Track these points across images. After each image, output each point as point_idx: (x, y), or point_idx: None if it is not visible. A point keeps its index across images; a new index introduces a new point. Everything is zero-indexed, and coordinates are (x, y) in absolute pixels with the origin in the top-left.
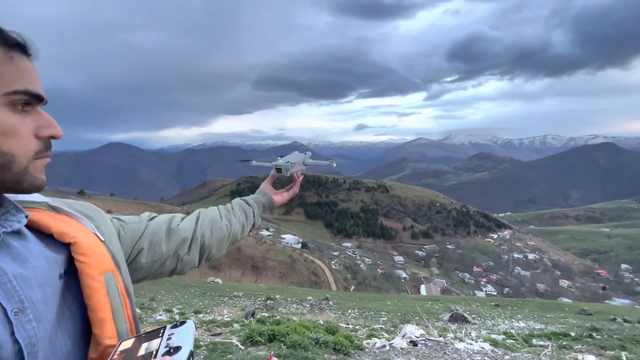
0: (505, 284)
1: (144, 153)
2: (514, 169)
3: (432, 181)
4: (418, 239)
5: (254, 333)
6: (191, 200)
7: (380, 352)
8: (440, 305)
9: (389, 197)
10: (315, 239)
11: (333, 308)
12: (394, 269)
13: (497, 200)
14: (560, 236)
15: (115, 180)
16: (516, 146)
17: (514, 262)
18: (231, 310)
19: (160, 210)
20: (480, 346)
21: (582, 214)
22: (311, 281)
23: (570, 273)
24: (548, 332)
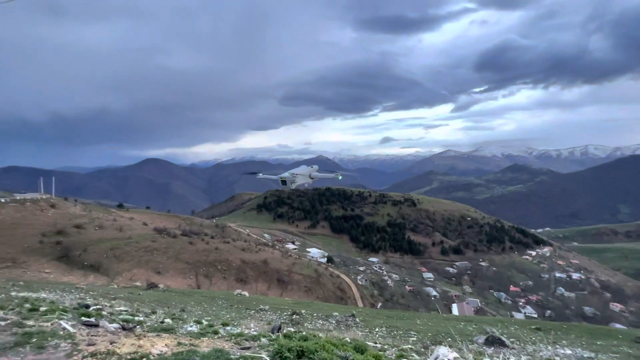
0: (547, 306)
1: (177, 168)
2: (553, 181)
3: (462, 194)
4: (448, 255)
5: (282, 349)
6: (220, 213)
7: None
8: (474, 327)
9: (417, 211)
10: (340, 253)
11: (360, 325)
12: (423, 286)
13: (534, 215)
14: (609, 254)
15: (151, 193)
16: (554, 157)
17: (556, 281)
18: (258, 324)
19: (191, 222)
20: None
21: (634, 230)
22: (337, 296)
23: (623, 296)
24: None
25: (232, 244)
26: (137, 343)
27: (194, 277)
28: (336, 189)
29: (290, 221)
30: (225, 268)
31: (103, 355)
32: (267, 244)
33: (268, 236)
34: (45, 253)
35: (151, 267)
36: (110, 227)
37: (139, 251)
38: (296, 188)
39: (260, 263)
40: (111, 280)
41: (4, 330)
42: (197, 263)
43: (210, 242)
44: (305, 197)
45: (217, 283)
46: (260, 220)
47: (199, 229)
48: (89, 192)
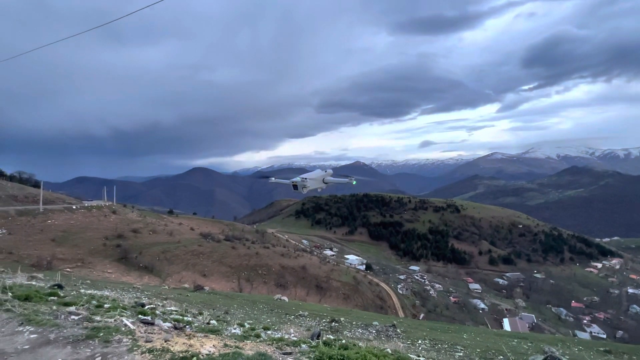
0: (619, 326)
1: (220, 176)
2: (620, 184)
3: (512, 200)
4: (497, 265)
5: (324, 356)
6: (260, 219)
7: None
8: (529, 345)
9: (461, 218)
10: (379, 260)
11: (401, 336)
12: (469, 298)
13: (599, 223)
14: None
15: (197, 200)
16: (621, 158)
17: (629, 298)
18: (297, 330)
19: (233, 228)
20: None
21: None
22: (376, 305)
23: None
24: None
25: (271, 249)
26: (188, 342)
27: (236, 280)
28: (374, 195)
29: (327, 227)
30: (265, 273)
31: (159, 352)
32: (305, 250)
33: (306, 242)
34: (107, 255)
35: (197, 270)
36: (162, 232)
37: (187, 254)
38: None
39: (299, 269)
40: (162, 281)
41: (77, 324)
42: (239, 267)
43: (251, 247)
44: (342, 204)
45: (258, 287)
46: (299, 226)
47: (241, 234)
48: (143, 199)
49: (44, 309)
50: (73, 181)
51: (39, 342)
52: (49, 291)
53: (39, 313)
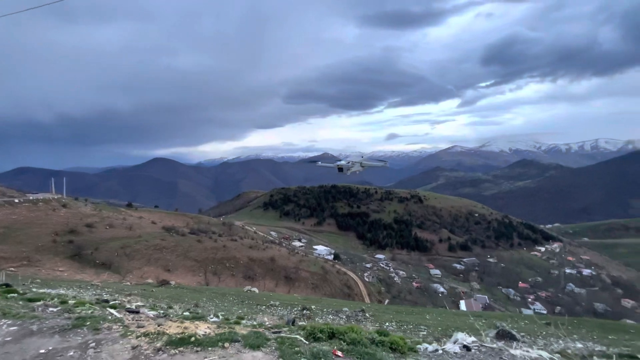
0: (557, 302)
1: (184, 167)
2: (562, 176)
3: (469, 190)
4: (456, 252)
5: (315, 330)
6: (227, 211)
7: (434, 355)
8: (483, 322)
9: (423, 208)
10: (347, 250)
11: (370, 320)
12: (430, 283)
13: (543, 211)
14: (621, 250)
15: (158, 192)
16: (563, 152)
17: (566, 278)
18: (271, 318)
19: (198, 221)
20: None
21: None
22: (344, 293)
23: (635, 292)
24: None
25: (239, 241)
26: (181, 325)
27: (202, 274)
28: (342, 186)
29: (296, 219)
30: (233, 265)
31: (154, 334)
32: (274, 242)
33: (275, 234)
34: (58, 252)
35: (161, 265)
36: (120, 226)
37: (149, 249)
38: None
39: (267, 260)
40: (123, 278)
41: (58, 315)
42: (205, 261)
43: (218, 240)
44: (311, 195)
45: (226, 280)
46: (267, 218)
47: (207, 227)
48: (98, 191)
49: (15, 305)
50: (13, 172)
51: (22, 333)
52: (5, 289)
53: (12, 307)
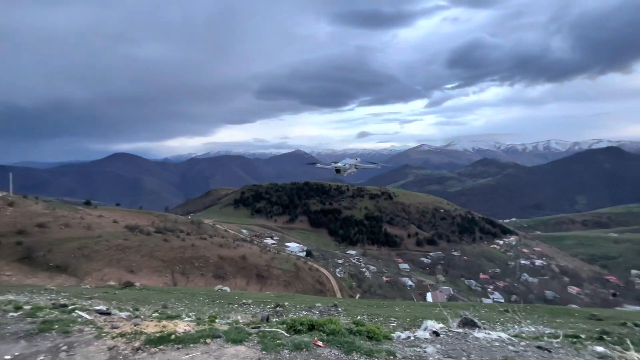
0: (513, 291)
1: (148, 163)
2: (518, 174)
3: (436, 187)
4: (423, 246)
5: (296, 323)
6: (195, 209)
7: (407, 342)
8: (448, 312)
9: (393, 204)
10: (319, 247)
11: (342, 314)
12: (399, 277)
13: (502, 206)
14: (568, 242)
15: (121, 190)
16: (519, 151)
17: (521, 268)
18: (244, 317)
19: (165, 219)
20: (498, 335)
21: (589, 219)
22: (316, 289)
23: (579, 279)
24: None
25: (209, 240)
26: (160, 324)
27: (169, 274)
28: (314, 183)
29: (268, 216)
30: (202, 265)
31: (131, 335)
32: (245, 240)
33: (246, 232)
34: (4, 255)
35: (124, 266)
36: (77, 226)
37: (110, 250)
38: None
39: (238, 259)
40: (80, 281)
41: (21, 320)
42: (172, 260)
43: (186, 239)
44: (283, 192)
45: (195, 280)
46: (238, 215)
47: (174, 225)
48: (51, 189)
49: None
50: None
51: None
52: None
53: None
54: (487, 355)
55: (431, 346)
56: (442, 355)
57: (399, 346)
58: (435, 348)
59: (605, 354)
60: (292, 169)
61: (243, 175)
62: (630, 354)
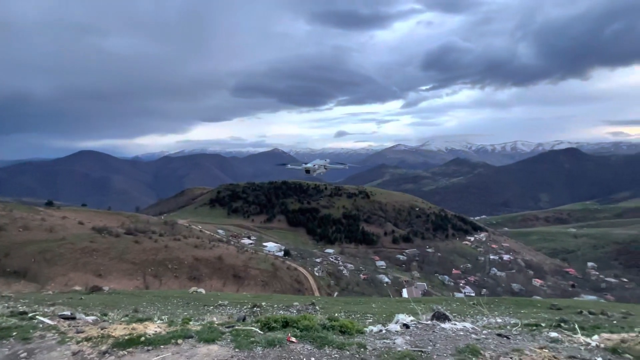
0: (483, 285)
1: (117, 161)
2: (488, 173)
3: (411, 186)
4: (399, 244)
5: (270, 320)
6: (169, 209)
7: (379, 335)
8: (422, 306)
9: (370, 203)
10: (297, 246)
11: (320, 312)
12: (376, 274)
13: (473, 204)
14: (532, 237)
15: (86, 190)
16: (489, 152)
17: (490, 263)
18: (220, 318)
19: (136, 220)
20: (463, 325)
21: (551, 216)
22: (294, 289)
23: (542, 272)
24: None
25: (183, 241)
26: (129, 327)
27: (141, 277)
28: (292, 182)
29: (245, 216)
30: (176, 267)
31: (98, 339)
32: (221, 240)
33: (222, 232)
34: None
35: (90, 269)
36: (38, 228)
37: (75, 253)
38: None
39: (214, 260)
40: (42, 287)
41: None
42: (144, 263)
43: (159, 240)
44: (261, 191)
45: (168, 282)
46: (214, 215)
47: (146, 226)
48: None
49: None
50: None
51: None
52: None
53: None
54: (452, 343)
55: (400, 338)
56: (409, 346)
57: (370, 339)
58: (404, 339)
59: (557, 338)
60: (270, 168)
61: (219, 174)
62: (577, 337)
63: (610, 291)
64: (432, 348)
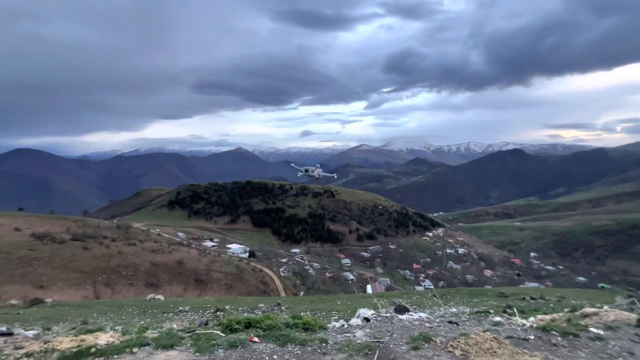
0: (441, 278)
1: (61, 160)
2: (445, 172)
3: (374, 185)
4: (363, 241)
5: (232, 322)
6: (122, 212)
7: (341, 329)
8: (385, 301)
9: (335, 202)
10: (263, 247)
11: (286, 312)
12: (341, 272)
13: (431, 201)
14: (484, 231)
15: (24, 192)
16: (445, 152)
17: (447, 257)
18: (181, 324)
19: (84, 224)
20: (419, 315)
21: (500, 211)
22: (260, 290)
23: (493, 263)
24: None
25: (139, 245)
26: (77, 339)
27: (90, 287)
28: (257, 182)
29: (208, 217)
30: (131, 273)
31: (41, 353)
32: (181, 243)
33: (183, 235)
34: None
35: (30, 281)
36: None
37: (11, 263)
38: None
39: (174, 264)
40: None
41: None
42: (94, 271)
43: (112, 246)
44: (224, 192)
45: (122, 291)
46: (173, 217)
47: (96, 231)
48: None
49: None
50: None
51: None
52: None
53: None
54: (407, 332)
55: (361, 331)
56: (368, 338)
57: (332, 334)
58: (364, 332)
59: (499, 322)
60: (234, 167)
61: (179, 174)
62: (516, 320)
63: (549, 278)
64: (389, 338)
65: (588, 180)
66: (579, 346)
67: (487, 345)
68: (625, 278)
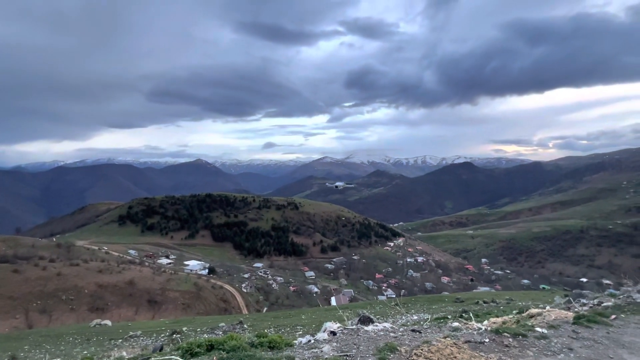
0: (402, 286)
1: None
2: (404, 184)
3: (337, 197)
4: (327, 253)
5: (192, 345)
6: (64, 229)
7: (307, 345)
8: (349, 312)
9: (299, 214)
10: (223, 262)
11: (249, 330)
12: (305, 285)
13: (392, 212)
14: (440, 240)
15: None
16: (404, 164)
17: (407, 265)
18: (132, 351)
19: (15, 244)
20: (384, 326)
21: (454, 221)
22: (220, 308)
23: (449, 270)
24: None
25: (82, 266)
26: None
27: (22, 315)
28: (217, 194)
29: (163, 233)
30: (72, 297)
31: None
32: (133, 262)
33: (134, 252)
34: None
35: None
36: None
37: None
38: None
39: (124, 285)
40: None
41: None
42: (27, 296)
43: (49, 267)
44: (181, 205)
45: (61, 317)
46: (124, 234)
47: (30, 251)
48: None
49: None
50: None
51: None
52: None
53: None
54: (373, 344)
55: (328, 345)
56: (336, 352)
57: (299, 351)
58: (331, 346)
59: (457, 327)
60: (193, 179)
61: (131, 187)
62: (472, 324)
63: (498, 282)
64: (355, 351)
65: (528, 190)
66: (527, 345)
67: (448, 351)
68: (562, 279)
